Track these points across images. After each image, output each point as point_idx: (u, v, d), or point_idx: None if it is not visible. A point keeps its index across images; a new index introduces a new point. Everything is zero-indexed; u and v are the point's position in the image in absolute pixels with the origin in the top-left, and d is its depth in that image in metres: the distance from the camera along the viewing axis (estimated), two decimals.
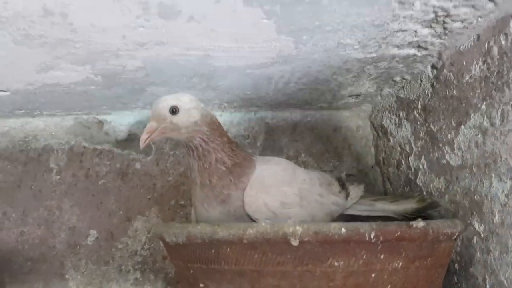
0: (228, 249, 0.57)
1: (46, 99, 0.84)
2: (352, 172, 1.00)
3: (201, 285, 0.61)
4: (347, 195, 0.76)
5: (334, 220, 0.71)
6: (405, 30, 0.66)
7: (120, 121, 0.96)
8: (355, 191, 0.78)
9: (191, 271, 0.62)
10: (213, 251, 0.58)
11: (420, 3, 0.59)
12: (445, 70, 0.76)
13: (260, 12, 0.57)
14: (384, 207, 0.77)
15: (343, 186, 0.76)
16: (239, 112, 1.00)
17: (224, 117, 0.99)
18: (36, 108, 0.89)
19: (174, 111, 0.65)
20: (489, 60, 0.65)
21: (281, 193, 0.66)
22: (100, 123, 0.95)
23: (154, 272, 0.91)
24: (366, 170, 1.02)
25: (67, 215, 0.90)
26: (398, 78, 0.86)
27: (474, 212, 0.70)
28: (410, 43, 0.71)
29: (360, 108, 1.03)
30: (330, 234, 0.54)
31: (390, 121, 0.95)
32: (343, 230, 0.54)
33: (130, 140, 0.96)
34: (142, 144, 0.65)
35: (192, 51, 0.68)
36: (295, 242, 0.53)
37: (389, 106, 0.95)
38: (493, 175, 0.66)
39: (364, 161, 1.03)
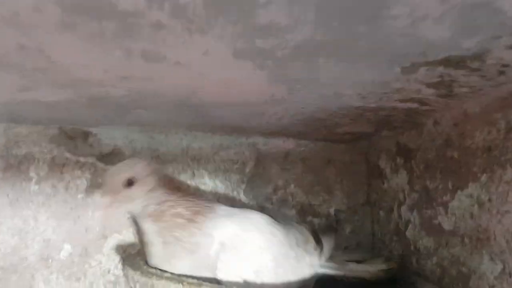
0: None
1: (29, 111, 0.80)
2: (342, 208, 0.97)
3: None
4: (321, 250, 0.72)
5: (307, 280, 0.68)
6: (408, 89, 0.62)
7: (106, 135, 0.92)
8: (328, 243, 0.75)
9: None
10: None
11: (425, 69, 0.54)
12: (447, 128, 0.71)
13: (251, 64, 0.53)
14: (357, 268, 0.75)
15: (318, 240, 0.73)
16: (230, 136, 0.96)
17: (214, 140, 0.95)
18: (19, 116, 0.85)
19: (130, 183, 0.64)
20: (494, 132, 0.61)
21: (256, 261, 0.63)
22: (86, 134, 0.92)
23: None
24: (356, 208, 0.98)
25: (42, 227, 0.87)
26: (398, 125, 0.81)
27: (460, 285, 0.67)
28: (412, 98, 0.66)
29: (357, 143, 0.99)
30: None
31: (387, 163, 0.91)
32: None
33: (114, 154, 0.92)
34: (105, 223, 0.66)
35: (179, 88, 0.64)
36: None
37: (387, 148, 0.91)
38: (484, 252, 0.62)
39: (355, 198, 0.99)
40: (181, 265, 0.63)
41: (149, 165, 0.67)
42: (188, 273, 0.62)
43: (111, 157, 0.92)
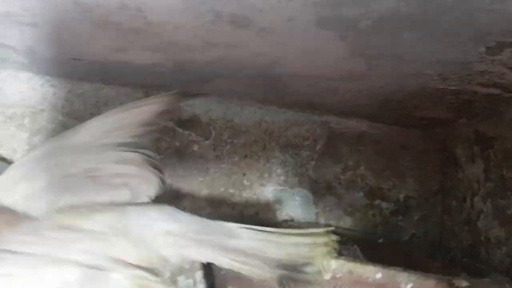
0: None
1: (119, 73, 0.87)
2: (413, 195, 0.96)
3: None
4: None
5: None
6: (492, 72, 0.60)
7: (186, 102, 0.97)
8: None
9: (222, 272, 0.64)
10: None
11: None
12: None
13: (332, 34, 0.54)
14: None
15: None
16: (303, 113, 0.97)
17: (287, 115, 0.97)
18: (109, 77, 0.92)
19: None
20: None
21: None
22: None
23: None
24: (427, 195, 0.97)
25: None
26: (478, 111, 0.79)
27: None
28: (495, 83, 0.64)
29: (433, 130, 0.96)
30: (364, 276, 0.52)
31: (463, 152, 0.88)
32: (379, 275, 0.53)
33: (192, 121, 0.97)
34: None
35: (260, 57, 0.66)
36: (327, 276, 0.52)
37: (465, 136, 0.88)
38: None
39: (427, 185, 0.98)
40: None
41: None
42: None
43: (190, 123, 0.97)
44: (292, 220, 0.92)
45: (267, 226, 0.57)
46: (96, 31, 0.65)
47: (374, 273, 0.52)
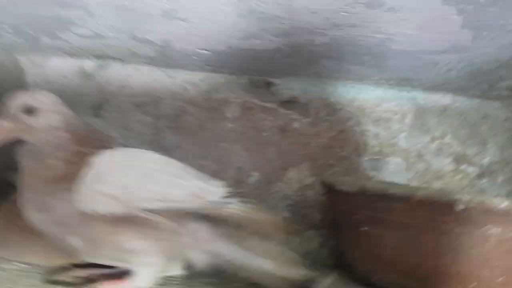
0: (397, 204, 0.69)
1: (234, 59, 0.99)
2: (496, 159, 1.06)
3: (364, 228, 0.75)
4: None
5: None
6: None
7: (285, 85, 1.10)
8: None
9: (357, 216, 0.76)
10: (382, 203, 0.70)
11: None
12: None
13: (453, 9, 0.65)
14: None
15: None
16: (392, 89, 1.08)
17: (378, 93, 1.09)
18: (222, 65, 1.05)
19: (30, 111, 0.61)
20: None
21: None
22: (268, 84, 1.10)
23: (301, 216, 1.06)
24: (509, 159, 1.06)
25: (236, 157, 1.08)
26: None
27: None
28: None
29: None
30: (492, 205, 0.63)
31: None
32: (504, 203, 0.63)
33: (292, 102, 1.10)
34: None
35: (377, 34, 0.78)
36: (460, 207, 0.63)
37: None
38: None
39: (507, 152, 1.07)
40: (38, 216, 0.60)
41: (57, 101, 0.65)
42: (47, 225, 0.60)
43: (290, 104, 1.10)
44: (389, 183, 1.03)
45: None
46: (238, 20, 0.78)
47: (500, 202, 0.63)
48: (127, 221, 0.59)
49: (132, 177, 0.60)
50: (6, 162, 0.75)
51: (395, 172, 1.06)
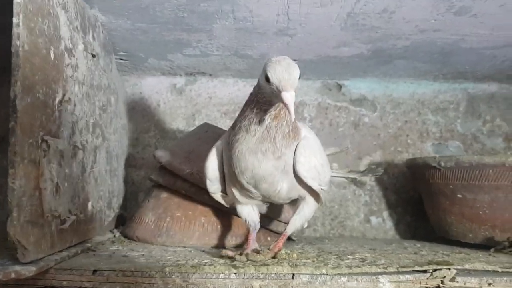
0: (490, 171, 0.85)
1: (315, 66, 1.15)
2: None
3: (459, 195, 0.91)
4: None
5: None
6: None
7: (354, 86, 1.26)
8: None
9: (450, 187, 0.92)
10: (477, 171, 0.86)
11: None
12: None
13: None
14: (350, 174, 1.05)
15: None
16: (447, 83, 1.25)
17: (434, 86, 1.25)
18: (302, 73, 1.20)
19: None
20: None
21: (322, 158, 0.80)
22: (339, 86, 1.26)
23: (379, 198, 1.22)
24: None
25: None
26: None
27: None
28: None
29: None
30: None
31: None
32: None
33: (360, 100, 1.26)
34: (293, 117, 0.66)
35: (453, 35, 0.94)
36: None
37: None
38: None
39: None
40: (265, 164, 0.70)
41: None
42: (267, 172, 0.71)
43: (359, 102, 1.26)
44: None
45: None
46: (339, 33, 0.94)
47: None
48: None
49: (324, 159, 0.81)
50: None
51: (455, 154, 1.22)
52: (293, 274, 0.61)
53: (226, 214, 0.89)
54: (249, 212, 0.80)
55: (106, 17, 0.88)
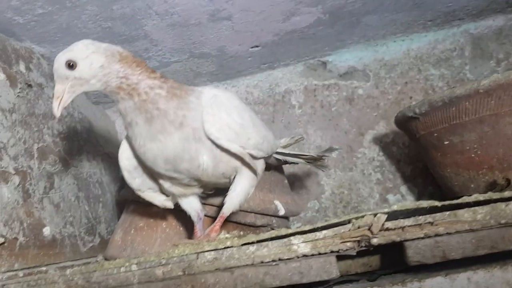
0: (467, 103, 0.70)
1: (284, 48, 1.08)
2: None
3: (446, 142, 0.76)
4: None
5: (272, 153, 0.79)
6: None
7: (339, 59, 1.16)
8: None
9: (435, 135, 0.78)
10: (453, 108, 0.72)
11: None
12: None
13: None
14: (297, 155, 0.87)
15: None
16: (442, 29, 1.10)
17: (429, 37, 1.11)
18: (275, 60, 1.14)
19: (71, 65, 0.60)
20: None
21: (241, 116, 0.67)
22: (323, 64, 1.17)
23: (392, 172, 1.08)
24: None
25: (313, 138, 1.14)
26: None
27: None
28: None
29: None
30: None
31: None
32: None
33: (349, 72, 1.15)
34: (57, 113, 0.60)
35: None
36: None
37: None
38: None
39: None
40: (170, 140, 0.62)
41: (93, 43, 0.62)
42: (177, 149, 0.63)
43: (348, 74, 1.15)
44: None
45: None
46: (275, 1, 0.87)
47: None
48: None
49: (246, 118, 0.68)
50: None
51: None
52: (197, 254, 0.54)
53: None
54: (189, 202, 0.73)
55: (43, 47, 0.90)
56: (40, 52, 0.91)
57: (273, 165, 0.89)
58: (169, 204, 0.74)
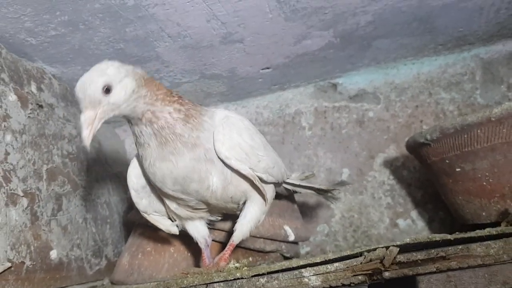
0: (479, 131, 0.70)
1: (294, 70, 1.08)
2: None
3: (458, 169, 0.75)
4: None
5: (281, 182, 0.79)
6: None
7: (350, 82, 1.15)
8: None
9: (447, 161, 0.77)
10: (465, 136, 0.71)
11: None
12: None
13: None
14: (308, 185, 0.87)
15: None
16: (453, 54, 1.10)
17: (440, 61, 1.10)
18: (286, 81, 1.14)
19: (107, 90, 0.57)
20: None
21: (251, 138, 0.67)
22: (334, 86, 1.17)
23: (402, 197, 1.07)
24: None
25: (322, 160, 1.13)
26: None
27: None
28: None
29: None
30: None
31: None
32: None
33: (360, 95, 1.14)
34: (87, 142, 0.57)
35: None
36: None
37: None
38: None
39: None
40: (182, 161, 0.61)
41: (123, 66, 0.60)
42: (188, 168, 0.62)
43: (359, 97, 1.14)
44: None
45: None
46: (287, 24, 0.88)
47: None
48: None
49: (258, 142, 0.68)
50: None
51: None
52: (207, 285, 0.53)
53: None
54: (196, 227, 0.72)
55: (55, 67, 0.91)
56: (51, 72, 0.92)
57: (283, 195, 0.88)
58: (174, 230, 0.73)
